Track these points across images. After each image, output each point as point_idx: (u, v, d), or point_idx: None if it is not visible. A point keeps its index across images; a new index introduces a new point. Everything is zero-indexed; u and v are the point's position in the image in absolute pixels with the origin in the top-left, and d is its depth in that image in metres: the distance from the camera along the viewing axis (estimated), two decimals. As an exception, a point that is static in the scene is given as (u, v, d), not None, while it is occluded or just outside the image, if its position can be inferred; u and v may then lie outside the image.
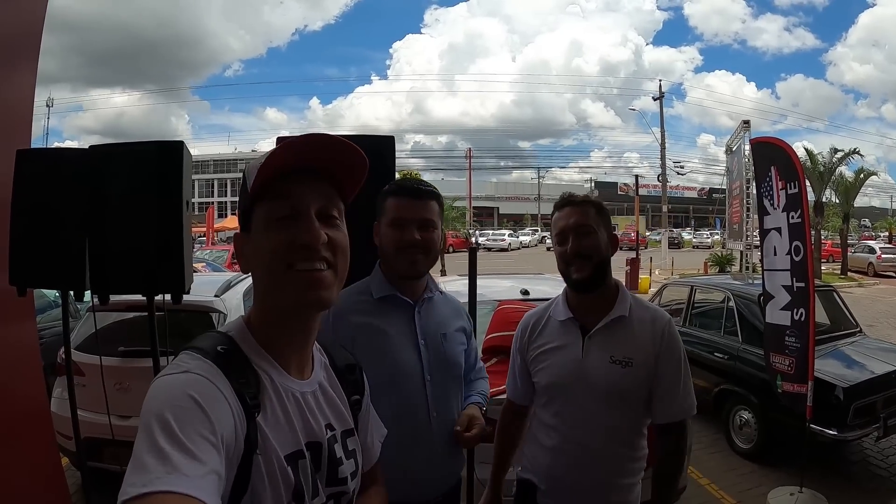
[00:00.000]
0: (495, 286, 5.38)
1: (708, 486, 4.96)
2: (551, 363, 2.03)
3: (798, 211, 4.49)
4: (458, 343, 2.07)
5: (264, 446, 0.96)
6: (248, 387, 0.96)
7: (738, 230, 17.40)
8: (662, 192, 35.21)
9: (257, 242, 1.03)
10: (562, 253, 1.98)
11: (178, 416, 0.83)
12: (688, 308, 6.88)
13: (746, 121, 16.50)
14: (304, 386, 1.09)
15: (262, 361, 1.03)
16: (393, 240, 1.88)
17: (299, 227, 1.00)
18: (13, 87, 2.95)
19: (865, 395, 4.75)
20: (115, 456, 3.93)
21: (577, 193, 2.08)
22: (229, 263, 16.52)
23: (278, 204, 1.01)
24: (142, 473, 0.77)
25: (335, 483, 1.10)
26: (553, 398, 2.04)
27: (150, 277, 2.64)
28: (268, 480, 0.95)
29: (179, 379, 0.90)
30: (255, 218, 1.04)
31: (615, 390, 1.92)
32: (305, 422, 1.06)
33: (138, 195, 2.59)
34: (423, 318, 1.97)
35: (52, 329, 5.72)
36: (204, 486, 0.78)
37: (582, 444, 1.96)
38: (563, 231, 1.98)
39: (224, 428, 0.88)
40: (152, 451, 0.79)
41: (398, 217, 1.87)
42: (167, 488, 0.75)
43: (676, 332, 2.02)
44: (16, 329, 3.00)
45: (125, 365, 4.14)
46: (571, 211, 1.99)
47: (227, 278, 5.51)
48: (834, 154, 22.75)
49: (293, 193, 1.02)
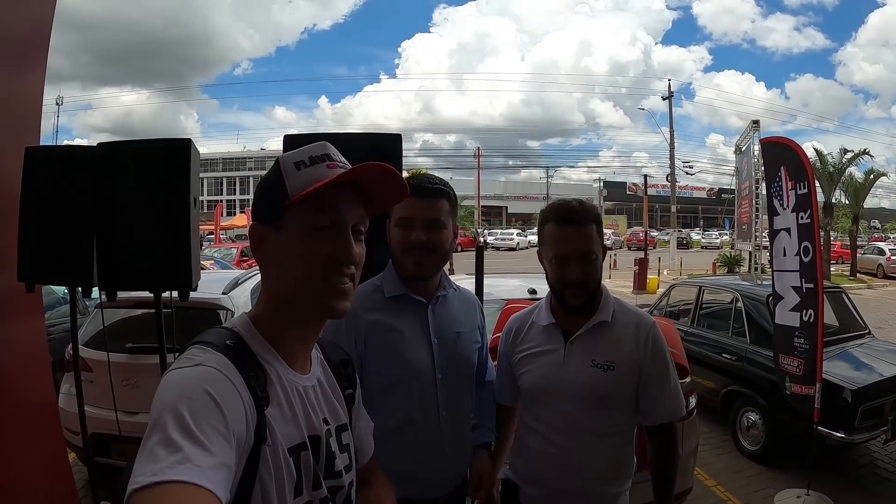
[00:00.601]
0: (503, 285, 5.41)
1: (714, 488, 4.94)
2: (533, 367, 2.02)
3: (807, 211, 4.46)
4: (472, 342, 2.05)
5: (272, 438, 0.97)
6: (257, 380, 0.98)
7: (746, 231, 17.35)
8: (671, 192, 35.06)
9: (291, 245, 1.04)
10: (560, 276, 1.92)
11: (192, 409, 0.84)
12: (696, 309, 6.85)
13: (756, 121, 16.45)
14: (306, 380, 1.11)
15: (267, 356, 1.04)
16: (400, 240, 1.85)
17: (338, 243, 1.05)
18: (22, 85, 2.96)
19: (874, 397, 4.72)
20: (123, 451, 3.98)
21: (575, 204, 1.96)
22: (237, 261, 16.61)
23: (320, 214, 1.04)
24: (152, 463, 0.77)
25: (332, 476, 1.12)
26: (535, 402, 2.04)
27: (157, 274, 2.65)
28: (274, 472, 0.97)
29: (193, 372, 0.91)
30: (289, 218, 1.04)
31: (596, 394, 1.91)
32: (307, 415, 1.08)
33: (146, 192, 2.60)
34: (437, 317, 1.94)
35: (60, 325, 5.76)
36: (214, 478, 0.79)
37: (564, 447, 1.95)
38: (565, 256, 1.90)
39: (236, 421, 0.88)
40: (163, 442, 0.79)
41: (404, 217, 1.83)
42: (178, 478, 0.76)
43: (661, 336, 2.00)
44: (24, 325, 3.01)
45: (133, 361, 4.15)
46: (577, 235, 1.89)
47: (234, 276, 5.53)
48: (844, 155, 22.65)
49: (336, 208, 1.05)
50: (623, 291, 17.96)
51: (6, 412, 2.71)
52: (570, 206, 1.95)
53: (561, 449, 1.95)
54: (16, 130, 2.87)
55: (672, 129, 34.67)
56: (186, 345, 1.01)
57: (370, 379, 1.71)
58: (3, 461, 2.64)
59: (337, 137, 2.57)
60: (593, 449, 1.94)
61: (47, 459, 3.02)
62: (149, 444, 0.80)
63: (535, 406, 2.04)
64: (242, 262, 16.51)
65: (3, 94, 2.78)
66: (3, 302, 2.79)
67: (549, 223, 1.94)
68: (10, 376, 2.79)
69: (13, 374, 2.81)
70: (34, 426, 2.93)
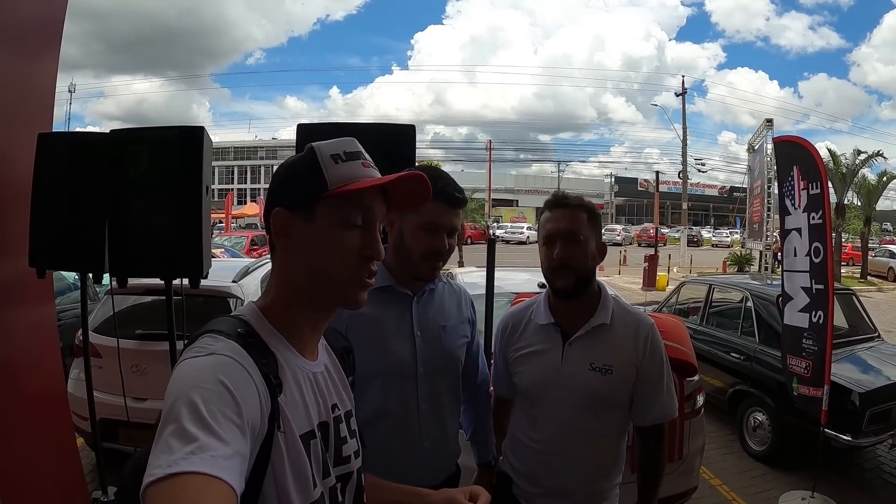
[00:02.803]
0: (512, 278, 5.40)
1: (720, 488, 4.94)
2: (530, 367, 2.01)
3: (819, 212, 4.44)
4: (459, 336, 2.02)
5: (285, 426, 0.98)
6: (269, 367, 0.98)
7: (757, 230, 17.23)
8: (683, 190, 34.85)
9: (325, 235, 1.05)
10: (547, 257, 1.94)
11: (206, 399, 0.84)
12: (705, 307, 6.83)
13: (769, 119, 16.28)
14: (315, 367, 1.12)
15: (277, 343, 1.04)
16: (423, 244, 1.82)
17: (369, 240, 1.08)
18: (35, 73, 2.97)
19: (882, 401, 4.70)
20: (130, 437, 4.00)
21: (569, 193, 2.03)
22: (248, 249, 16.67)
23: (355, 210, 1.07)
24: (167, 455, 0.77)
25: (341, 462, 1.13)
26: (531, 401, 2.03)
27: (168, 261, 2.67)
28: (287, 459, 0.97)
29: (207, 361, 0.91)
30: (324, 209, 1.05)
31: (594, 397, 1.91)
32: (317, 402, 1.08)
33: (158, 180, 2.61)
34: (422, 310, 1.93)
35: (70, 311, 5.79)
36: (228, 468, 0.79)
37: (558, 447, 1.95)
38: (551, 234, 1.93)
39: (250, 409, 0.89)
40: (177, 433, 0.79)
41: (433, 223, 1.80)
42: (193, 469, 0.76)
43: (659, 337, 2.00)
44: (35, 311, 3.03)
45: (142, 348, 4.18)
46: (563, 214, 1.93)
47: (245, 264, 5.56)
48: (857, 156, 22.48)
49: (369, 206, 1.09)
50: (633, 288, 17.94)
51: (15, 397, 2.72)
52: (563, 193, 2.02)
53: (555, 448, 1.95)
54: (29, 117, 2.88)
55: (685, 125, 34.51)
56: (195, 334, 1.01)
57: None
58: (12, 446, 2.66)
59: (352, 127, 2.57)
60: (587, 449, 1.95)
61: (55, 444, 3.04)
62: (164, 436, 0.80)
63: (531, 405, 2.03)
64: (252, 251, 16.58)
65: (16, 80, 2.78)
66: (14, 287, 2.80)
67: (545, 212, 1.99)
68: (20, 361, 2.81)
69: (23, 359, 2.83)
70: (43, 411, 2.95)
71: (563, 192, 2.02)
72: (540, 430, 1.99)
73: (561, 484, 1.97)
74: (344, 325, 1.73)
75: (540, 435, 1.99)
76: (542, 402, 1.99)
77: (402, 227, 1.85)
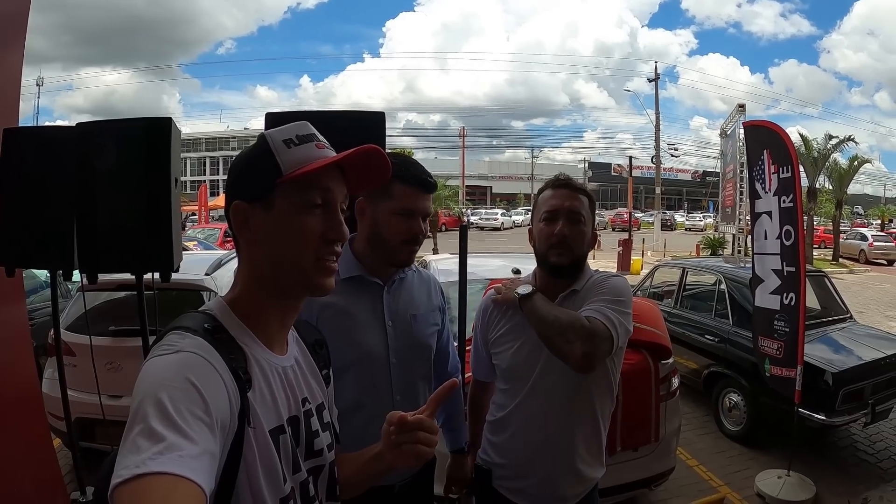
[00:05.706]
0: (486, 265, 5.41)
1: (696, 468, 5.01)
2: (511, 347, 2.00)
3: (790, 195, 4.49)
4: (429, 324, 2.03)
5: (255, 421, 0.97)
6: (238, 362, 0.96)
7: (730, 213, 17.41)
8: (656, 174, 35.12)
9: (283, 222, 1.03)
10: (546, 233, 1.93)
11: (173, 398, 0.82)
12: (679, 290, 6.90)
13: (742, 104, 16.36)
14: (284, 360, 1.11)
15: (245, 338, 1.03)
16: (401, 230, 1.82)
17: (330, 221, 1.06)
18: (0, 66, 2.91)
19: (854, 380, 4.78)
20: (107, 435, 3.95)
21: (572, 178, 2.05)
22: (221, 241, 16.48)
23: (313, 192, 1.04)
24: (134, 455, 0.76)
25: (312, 455, 1.12)
26: (512, 383, 2.01)
27: (138, 256, 2.63)
28: (258, 455, 0.96)
29: (173, 359, 0.89)
30: (281, 196, 1.03)
31: (573, 376, 1.85)
32: (286, 397, 1.07)
33: (126, 173, 2.57)
34: (393, 299, 1.93)
35: (43, 310, 5.71)
36: (197, 468, 0.78)
37: (540, 428, 1.94)
38: (554, 210, 1.93)
39: (219, 406, 0.87)
40: (145, 433, 0.78)
41: (408, 208, 1.82)
42: (161, 469, 0.74)
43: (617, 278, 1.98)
44: (5, 310, 2.98)
45: (116, 344, 4.13)
46: (568, 194, 1.95)
47: (217, 256, 5.50)
48: (829, 140, 22.80)
49: (327, 186, 1.06)
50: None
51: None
52: (567, 176, 2.05)
53: (537, 429, 1.94)
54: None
55: (658, 111, 34.73)
56: (163, 331, 0.99)
57: None
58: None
59: (321, 115, 2.54)
60: (570, 430, 1.94)
61: (31, 445, 3.00)
62: (131, 435, 0.79)
63: (512, 387, 2.01)
64: (226, 243, 16.39)
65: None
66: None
67: (545, 190, 2.01)
68: (-8, 361, 2.77)
69: (-6, 359, 2.79)
70: (18, 412, 2.91)
71: (565, 175, 2.06)
72: (520, 412, 1.97)
73: (540, 465, 1.95)
74: (315, 316, 1.73)
75: (520, 416, 1.97)
76: (524, 382, 1.96)
77: (375, 215, 1.84)
